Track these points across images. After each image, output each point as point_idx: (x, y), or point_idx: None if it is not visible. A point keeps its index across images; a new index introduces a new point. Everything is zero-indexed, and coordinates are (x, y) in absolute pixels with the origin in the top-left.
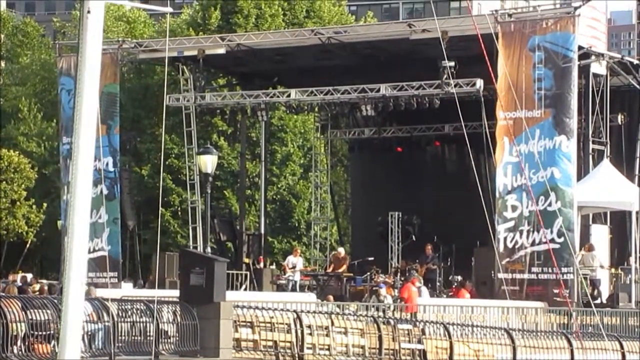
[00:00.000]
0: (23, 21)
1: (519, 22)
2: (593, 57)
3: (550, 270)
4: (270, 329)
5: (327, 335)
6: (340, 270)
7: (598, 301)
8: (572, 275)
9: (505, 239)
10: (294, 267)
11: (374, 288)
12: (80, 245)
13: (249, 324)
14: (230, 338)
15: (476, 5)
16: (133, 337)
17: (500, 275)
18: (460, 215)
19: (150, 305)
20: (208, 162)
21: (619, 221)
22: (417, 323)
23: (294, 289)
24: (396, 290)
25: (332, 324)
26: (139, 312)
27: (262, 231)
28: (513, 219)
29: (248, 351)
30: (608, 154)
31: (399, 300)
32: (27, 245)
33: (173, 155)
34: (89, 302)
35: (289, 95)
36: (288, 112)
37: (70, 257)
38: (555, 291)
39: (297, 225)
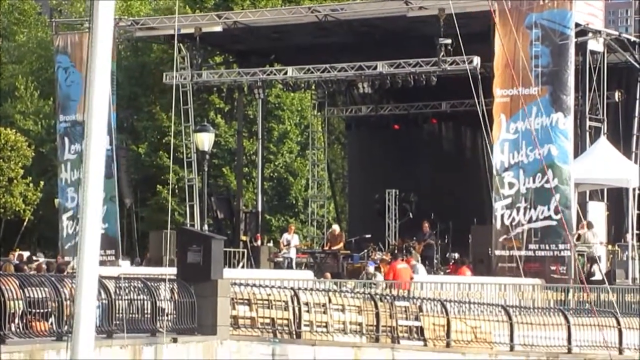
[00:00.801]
0: None
1: (516, 0)
2: (590, 34)
3: (547, 247)
4: (267, 306)
5: (324, 312)
6: (336, 248)
7: (594, 278)
8: (569, 252)
9: (502, 216)
10: (288, 244)
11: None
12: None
13: (246, 301)
14: (227, 315)
15: None
16: (130, 315)
17: (498, 253)
18: (457, 192)
19: (147, 282)
20: (205, 140)
21: (616, 198)
22: (415, 300)
23: (289, 266)
24: None
25: (330, 301)
26: (136, 289)
27: (260, 209)
28: (510, 196)
29: (245, 329)
30: (605, 131)
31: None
32: (25, 224)
33: (170, 133)
34: None
35: (285, 73)
36: (285, 89)
37: (82, 257)
38: (553, 268)
39: (294, 202)
